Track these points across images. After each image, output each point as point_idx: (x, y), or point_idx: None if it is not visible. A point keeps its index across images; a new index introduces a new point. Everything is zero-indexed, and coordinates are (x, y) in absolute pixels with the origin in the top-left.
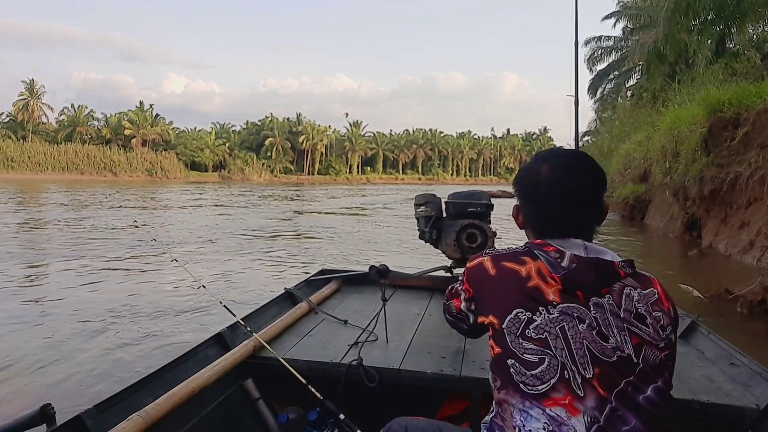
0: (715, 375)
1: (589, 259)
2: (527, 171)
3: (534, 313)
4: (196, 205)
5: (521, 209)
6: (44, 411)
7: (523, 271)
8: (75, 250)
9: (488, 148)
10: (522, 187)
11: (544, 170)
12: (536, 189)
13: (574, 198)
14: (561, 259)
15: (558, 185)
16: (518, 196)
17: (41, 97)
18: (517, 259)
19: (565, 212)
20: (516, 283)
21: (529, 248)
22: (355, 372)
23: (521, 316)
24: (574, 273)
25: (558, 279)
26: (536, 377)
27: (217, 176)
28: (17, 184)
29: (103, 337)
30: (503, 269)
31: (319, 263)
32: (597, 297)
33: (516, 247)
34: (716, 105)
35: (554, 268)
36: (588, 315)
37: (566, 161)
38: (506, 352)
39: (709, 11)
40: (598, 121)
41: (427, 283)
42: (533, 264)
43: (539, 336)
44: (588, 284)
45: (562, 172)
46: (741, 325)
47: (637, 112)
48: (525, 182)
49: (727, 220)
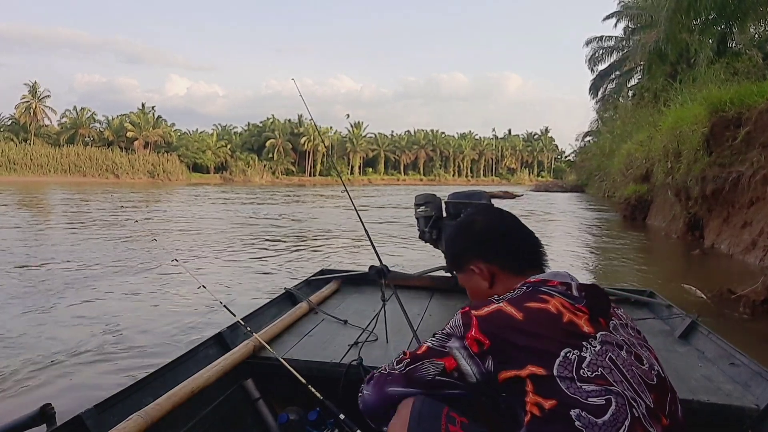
0: (715, 375)
1: (587, 285)
2: (469, 226)
3: (581, 350)
4: (199, 205)
5: (485, 263)
6: (44, 411)
7: (552, 308)
8: (75, 250)
9: (490, 148)
10: (477, 242)
11: (480, 220)
12: (492, 233)
13: (522, 230)
14: (569, 290)
15: (502, 224)
16: (475, 252)
17: (44, 100)
18: (537, 298)
19: (532, 242)
20: (552, 322)
21: (535, 287)
22: (355, 372)
23: (570, 356)
24: (591, 301)
25: (585, 309)
26: (609, 424)
27: (218, 178)
28: (19, 187)
29: (101, 337)
30: (531, 311)
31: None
32: (611, 320)
33: (520, 291)
34: (718, 104)
35: (573, 299)
36: (619, 340)
37: (487, 209)
38: (565, 402)
39: (710, 11)
40: (599, 121)
41: (427, 283)
42: (553, 300)
43: (596, 373)
44: (604, 309)
45: (493, 214)
46: (744, 325)
47: (639, 111)
48: (476, 235)
49: (729, 219)
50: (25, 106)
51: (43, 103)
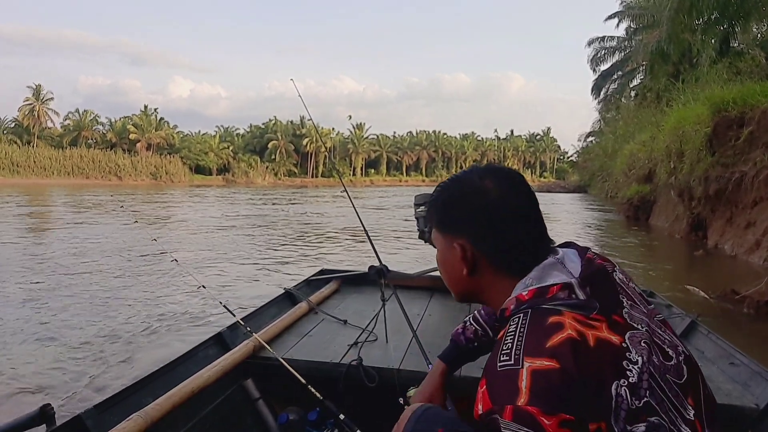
0: (715, 375)
1: (589, 274)
2: (474, 195)
3: (628, 376)
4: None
5: (471, 246)
6: (44, 411)
7: (573, 333)
8: (77, 251)
9: (492, 149)
10: (474, 219)
11: (492, 191)
12: (499, 214)
13: (536, 221)
14: (573, 294)
15: (517, 207)
16: (465, 229)
17: (48, 102)
18: (551, 326)
19: (538, 237)
20: (587, 354)
21: (532, 305)
22: (354, 372)
23: (621, 390)
24: (600, 298)
25: (601, 317)
26: None
27: (221, 180)
28: (23, 189)
29: (101, 337)
30: (558, 351)
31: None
32: (624, 308)
33: (522, 321)
34: (721, 104)
35: (585, 309)
36: (642, 338)
37: (508, 177)
38: None
39: (712, 10)
40: (601, 122)
41: (427, 283)
42: (566, 320)
43: (645, 399)
44: (616, 301)
45: (512, 189)
46: (747, 326)
47: (641, 112)
48: (477, 210)
49: (732, 220)
50: (28, 109)
51: (46, 105)
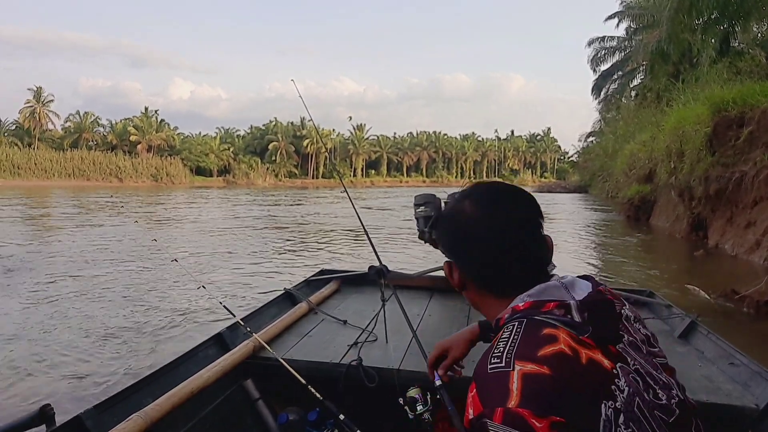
0: (715, 375)
1: (590, 301)
2: (452, 216)
3: (615, 399)
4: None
5: (456, 267)
6: (44, 411)
7: (565, 348)
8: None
9: (492, 150)
10: (451, 240)
11: (466, 212)
12: (471, 235)
13: (524, 240)
14: (569, 314)
15: (493, 226)
16: (448, 251)
17: (48, 104)
18: (544, 337)
19: (529, 260)
20: (578, 371)
21: (527, 315)
22: (354, 372)
23: (608, 412)
24: (596, 325)
25: (590, 341)
26: None
27: (221, 181)
28: (25, 191)
29: (102, 337)
30: (550, 360)
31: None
32: (621, 343)
33: (516, 329)
34: (721, 104)
35: (578, 329)
36: (632, 370)
37: (488, 192)
38: None
39: (712, 10)
40: (602, 122)
41: (427, 283)
42: (560, 333)
43: (631, 429)
44: (614, 334)
45: (488, 207)
46: (748, 325)
47: (642, 112)
48: (452, 233)
49: (733, 219)
50: (29, 111)
51: (47, 107)
